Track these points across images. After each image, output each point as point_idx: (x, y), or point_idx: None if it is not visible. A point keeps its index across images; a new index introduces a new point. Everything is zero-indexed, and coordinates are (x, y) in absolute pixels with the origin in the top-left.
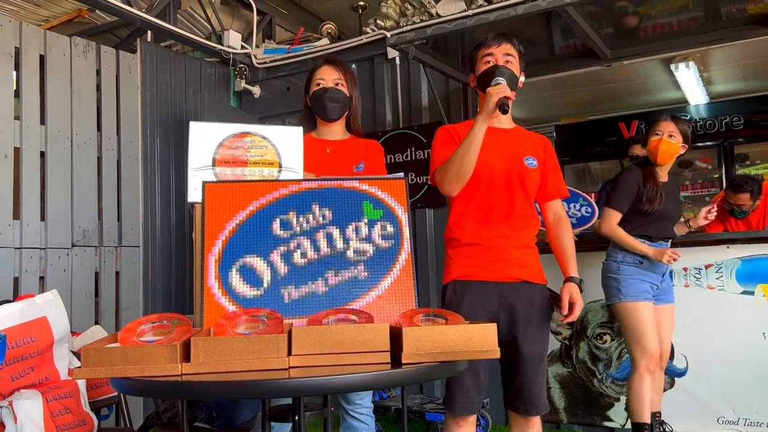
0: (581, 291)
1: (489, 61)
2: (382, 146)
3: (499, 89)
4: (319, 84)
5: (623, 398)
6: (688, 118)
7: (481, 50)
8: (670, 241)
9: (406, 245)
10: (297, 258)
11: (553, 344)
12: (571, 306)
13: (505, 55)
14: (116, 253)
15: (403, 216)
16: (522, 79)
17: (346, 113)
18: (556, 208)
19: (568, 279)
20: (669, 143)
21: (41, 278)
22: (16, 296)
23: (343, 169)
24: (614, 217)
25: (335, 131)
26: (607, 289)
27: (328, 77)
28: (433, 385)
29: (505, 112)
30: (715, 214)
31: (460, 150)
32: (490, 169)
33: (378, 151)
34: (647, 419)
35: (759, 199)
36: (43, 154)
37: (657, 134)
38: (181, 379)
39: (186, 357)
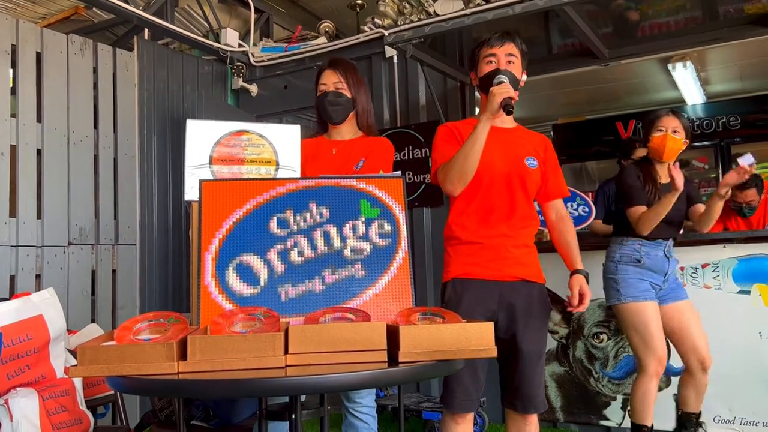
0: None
1: (491, 61)
2: (390, 142)
3: (503, 89)
4: (321, 88)
5: (620, 397)
6: (685, 117)
7: (484, 49)
8: (671, 241)
9: (404, 244)
10: (294, 256)
11: (550, 343)
12: (581, 297)
13: (507, 55)
14: (113, 251)
15: (400, 214)
16: (524, 78)
17: (352, 114)
18: (558, 206)
19: (576, 272)
20: (674, 139)
21: (38, 276)
22: (12, 294)
23: (345, 168)
24: (640, 210)
25: (343, 132)
26: (607, 290)
27: (329, 81)
28: (429, 384)
29: (509, 113)
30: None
31: (462, 150)
32: (491, 169)
33: (382, 147)
34: (648, 422)
35: (763, 193)
36: (39, 152)
37: (660, 130)
38: (178, 377)
39: (183, 355)
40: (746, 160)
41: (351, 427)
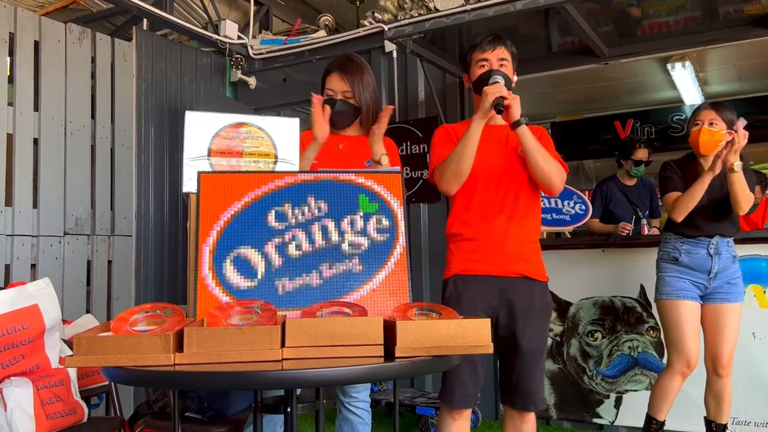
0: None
1: (483, 65)
2: (395, 144)
3: (496, 89)
4: (328, 93)
5: (613, 395)
6: (683, 117)
7: (476, 53)
8: (717, 239)
9: (401, 239)
10: (292, 250)
11: None
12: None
13: (499, 60)
14: (109, 242)
15: (398, 210)
16: (515, 79)
17: (358, 117)
18: None
19: None
20: (710, 132)
21: (33, 266)
22: (7, 284)
23: (355, 164)
24: (674, 195)
25: (349, 129)
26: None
27: (337, 88)
28: (423, 380)
29: (500, 112)
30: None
31: (456, 150)
32: (488, 166)
33: (392, 150)
34: (661, 417)
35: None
36: (36, 141)
37: (697, 124)
38: (174, 369)
39: (179, 347)
40: (742, 122)
41: (345, 421)
